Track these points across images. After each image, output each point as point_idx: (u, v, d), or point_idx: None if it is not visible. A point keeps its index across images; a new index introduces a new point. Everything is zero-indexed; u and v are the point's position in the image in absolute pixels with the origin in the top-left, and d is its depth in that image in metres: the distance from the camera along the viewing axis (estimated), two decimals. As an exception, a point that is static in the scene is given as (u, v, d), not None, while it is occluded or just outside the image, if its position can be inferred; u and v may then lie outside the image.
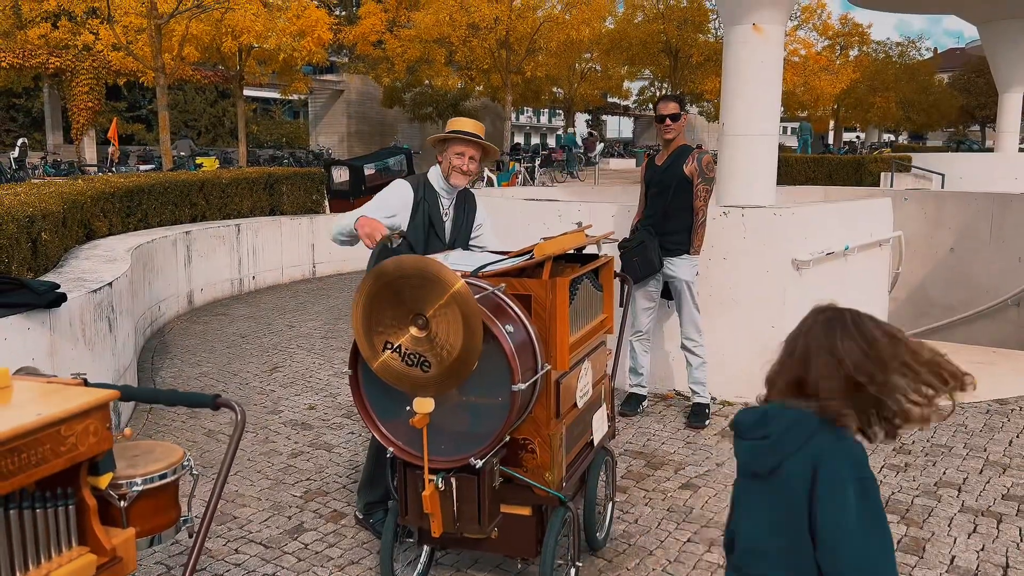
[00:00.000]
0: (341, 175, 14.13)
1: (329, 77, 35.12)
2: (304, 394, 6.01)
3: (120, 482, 1.96)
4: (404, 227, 3.60)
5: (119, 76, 24.80)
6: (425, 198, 3.63)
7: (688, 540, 3.76)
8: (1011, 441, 4.95)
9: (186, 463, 2.14)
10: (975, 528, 3.86)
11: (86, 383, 1.92)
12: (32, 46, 24.43)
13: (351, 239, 3.54)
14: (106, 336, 5.12)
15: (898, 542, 3.71)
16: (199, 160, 22.21)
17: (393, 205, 3.61)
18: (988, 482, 4.37)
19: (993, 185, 14.10)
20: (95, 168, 22.50)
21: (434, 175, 3.69)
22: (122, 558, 1.81)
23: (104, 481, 1.86)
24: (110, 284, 5.30)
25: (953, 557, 3.59)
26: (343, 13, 36.78)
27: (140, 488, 1.99)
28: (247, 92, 28.67)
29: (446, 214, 3.70)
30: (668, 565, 3.55)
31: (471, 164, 3.63)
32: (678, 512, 4.04)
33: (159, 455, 2.10)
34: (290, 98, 34.42)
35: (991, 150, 23.35)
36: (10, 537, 1.62)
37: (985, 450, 4.81)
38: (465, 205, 3.78)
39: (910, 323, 9.29)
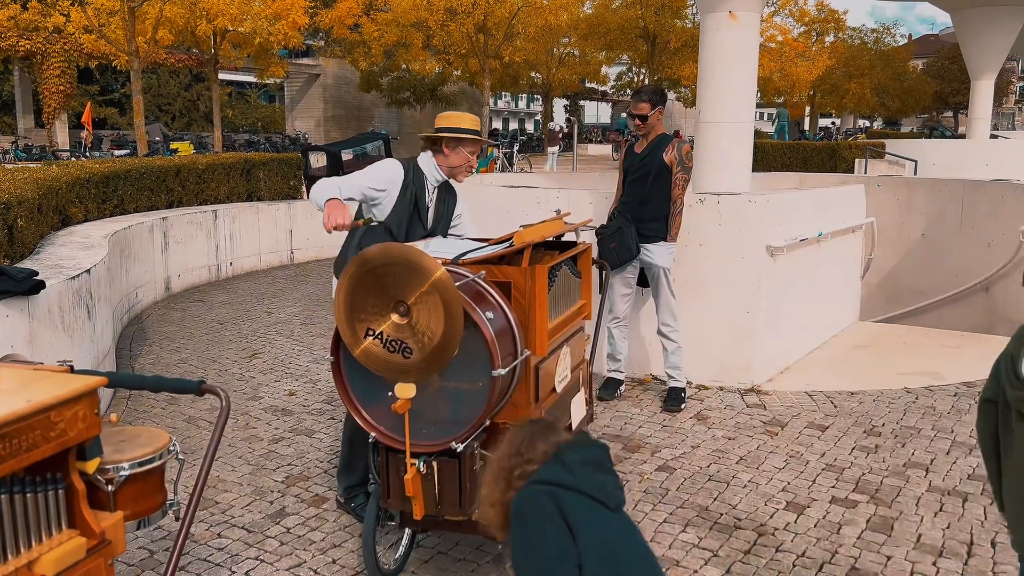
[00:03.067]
0: (318, 160, 14.06)
1: (305, 61, 34.81)
2: (284, 380, 6.03)
3: (107, 467, 1.99)
4: (390, 205, 3.65)
5: (91, 59, 24.49)
6: (414, 181, 3.68)
7: (664, 520, 3.85)
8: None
9: (172, 448, 2.17)
10: (941, 507, 3.97)
11: (72, 370, 1.95)
12: (1, 28, 24.02)
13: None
14: (84, 323, 5.11)
15: (867, 521, 3.82)
16: (174, 145, 21.99)
17: (385, 179, 3.66)
18: (955, 462, 4.49)
19: (965, 171, 14.31)
20: (68, 153, 22.22)
21: (426, 163, 3.74)
22: (111, 540, 1.85)
23: (92, 466, 1.89)
24: (88, 271, 5.28)
25: (920, 535, 3.70)
26: (319, -4, 36.40)
27: (127, 473, 2.02)
28: (222, 76, 28.37)
29: (430, 200, 3.76)
30: (644, 545, 3.62)
31: (474, 159, 3.76)
32: (654, 494, 4.12)
33: (145, 440, 2.13)
34: (266, 82, 34.09)
35: (963, 136, 23.65)
36: (1, 521, 1.65)
37: (952, 431, 4.93)
38: (447, 195, 3.83)
39: (882, 308, 9.45)
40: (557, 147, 27.49)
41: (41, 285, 4.24)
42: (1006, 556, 3.52)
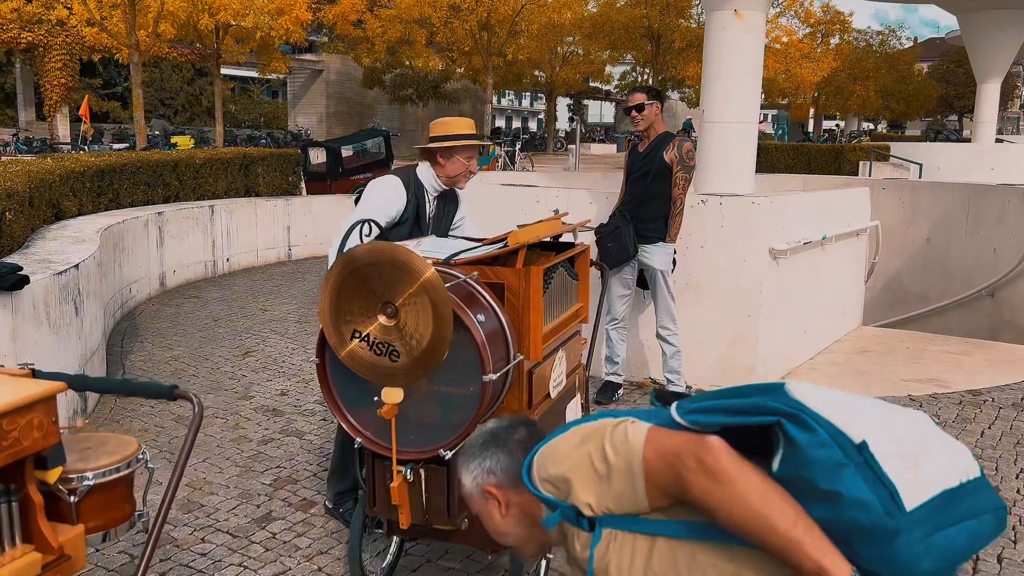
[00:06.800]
0: (318, 156, 14.00)
1: (308, 57, 34.76)
2: (276, 379, 5.93)
3: (70, 476, 1.88)
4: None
5: (93, 52, 24.40)
6: (415, 193, 3.60)
7: (661, 531, 3.74)
8: (983, 432, 4.97)
9: (141, 456, 2.06)
10: (946, 520, 3.86)
11: (34, 373, 1.84)
12: (4, 20, 23.97)
13: None
14: (72, 319, 5.01)
15: (870, 534, 3.71)
16: (174, 139, 21.92)
17: (401, 199, 3.56)
18: (960, 473, 4.37)
19: (970, 175, 14.18)
20: (68, 146, 22.14)
21: (426, 174, 3.65)
22: (70, 556, 1.74)
23: (53, 476, 1.78)
24: (76, 266, 5.18)
25: (924, 549, 3.58)
26: (323, -8, 36.30)
27: (91, 482, 1.91)
28: (225, 71, 28.29)
29: (431, 211, 3.68)
30: (640, 556, 3.51)
31: (473, 163, 3.66)
32: (651, 502, 4.01)
33: (112, 448, 2.02)
34: (268, 77, 33.98)
35: (969, 140, 23.49)
36: (-51, 536, 1.55)
37: (958, 440, 4.81)
38: (447, 202, 3.75)
39: (885, 313, 9.34)
40: (575, 145, 27.64)
41: (24, 280, 4.14)
42: (1012, 571, 3.41)
